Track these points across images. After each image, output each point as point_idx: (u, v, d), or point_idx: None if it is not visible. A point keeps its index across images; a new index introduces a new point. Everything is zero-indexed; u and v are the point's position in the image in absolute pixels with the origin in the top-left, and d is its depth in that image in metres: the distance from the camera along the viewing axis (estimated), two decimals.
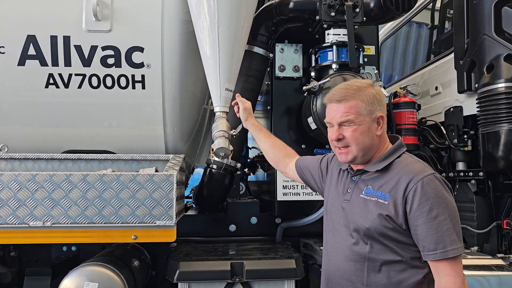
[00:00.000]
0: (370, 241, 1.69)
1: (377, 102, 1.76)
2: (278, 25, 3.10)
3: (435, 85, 3.65)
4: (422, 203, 1.59)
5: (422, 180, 1.62)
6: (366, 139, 1.74)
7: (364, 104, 1.73)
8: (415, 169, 1.67)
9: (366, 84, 1.80)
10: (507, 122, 2.69)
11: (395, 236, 1.66)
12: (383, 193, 1.69)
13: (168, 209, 2.26)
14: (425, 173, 1.64)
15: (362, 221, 1.71)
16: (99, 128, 2.77)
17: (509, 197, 2.95)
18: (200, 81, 2.86)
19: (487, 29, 2.82)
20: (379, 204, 1.68)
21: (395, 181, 1.67)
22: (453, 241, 1.56)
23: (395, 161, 1.74)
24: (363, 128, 1.73)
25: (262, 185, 3.83)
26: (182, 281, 2.46)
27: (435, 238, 1.57)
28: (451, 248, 1.56)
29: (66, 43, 2.62)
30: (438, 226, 1.57)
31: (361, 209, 1.74)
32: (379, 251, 1.68)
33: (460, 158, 3.26)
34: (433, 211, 1.58)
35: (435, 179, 1.64)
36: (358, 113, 1.73)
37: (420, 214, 1.59)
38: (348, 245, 1.76)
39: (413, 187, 1.62)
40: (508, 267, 2.57)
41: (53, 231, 2.23)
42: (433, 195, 1.60)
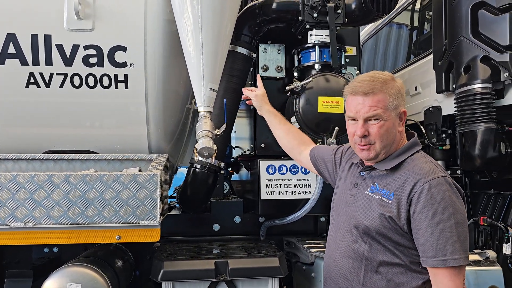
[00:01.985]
0: (369, 240, 1.64)
1: (401, 96, 1.67)
2: (261, 25, 3.12)
3: (415, 85, 3.74)
4: (427, 206, 1.51)
5: (430, 182, 1.53)
6: (390, 136, 1.65)
7: (391, 98, 1.63)
8: (424, 169, 1.58)
9: (390, 76, 1.69)
10: (483, 122, 2.77)
11: (395, 238, 1.60)
12: (388, 192, 1.61)
13: (152, 209, 2.26)
14: (435, 175, 1.55)
15: (363, 219, 1.66)
16: (81, 128, 2.74)
17: (486, 194, 3.05)
18: (183, 81, 2.86)
19: (464, 31, 2.90)
20: (382, 203, 1.62)
21: (402, 181, 1.59)
22: (455, 251, 1.48)
23: (406, 160, 1.65)
24: (389, 124, 1.64)
25: (246, 184, 3.84)
26: (166, 280, 2.46)
27: (435, 244, 1.50)
28: (452, 257, 1.48)
29: (47, 42, 2.58)
30: (441, 232, 1.49)
31: (363, 206, 1.68)
32: (378, 252, 1.62)
33: (439, 156, 3.34)
34: (437, 216, 1.50)
35: (445, 183, 1.54)
36: (386, 108, 1.63)
37: (423, 218, 1.52)
38: (347, 242, 1.72)
39: (420, 188, 1.54)
40: (484, 262, 2.66)
41: (35, 232, 2.21)
42: (440, 199, 1.51)
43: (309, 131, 2.87)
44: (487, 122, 2.76)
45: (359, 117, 1.66)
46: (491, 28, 2.75)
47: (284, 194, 3.11)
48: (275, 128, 2.38)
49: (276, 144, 3.21)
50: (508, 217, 2.80)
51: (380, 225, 1.61)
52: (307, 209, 3.01)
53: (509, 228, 2.71)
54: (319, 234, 3.40)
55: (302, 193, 3.10)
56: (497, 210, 2.91)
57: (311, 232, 3.43)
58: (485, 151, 2.77)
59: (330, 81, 2.85)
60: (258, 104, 2.42)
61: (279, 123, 2.37)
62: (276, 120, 2.38)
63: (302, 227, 3.37)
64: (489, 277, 2.57)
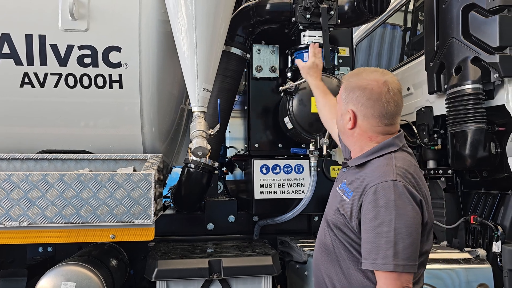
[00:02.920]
0: (332, 234, 1.68)
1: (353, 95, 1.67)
2: (255, 26, 3.14)
3: (407, 86, 3.77)
4: (369, 209, 1.52)
5: (377, 186, 1.52)
6: (339, 123, 1.79)
7: (343, 90, 1.75)
8: (377, 172, 1.58)
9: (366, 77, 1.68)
10: (474, 122, 2.80)
11: (349, 235, 1.62)
12: (349, 190, 1.64)
13: (146, 208, 2.28)
14: (384, 179, 1.53)
15: (328, 213, 1.75)
16: (76, 127, 2.75)
17: (476, 194, 3.09)
18: (178, 81, 2.88)
19: (455, 32, 2.94)
20: (342, 200, 1.66)
21: (360, 181, 1.61)
22: (387, 256, 1.46)
23: (373, 160, 1.65)
24: (339, 111, 1.78)
25: (240, 184, 3.87)
26: (161, 279, 2.48)
27: (369, 247, 1.50)
28: (382, 262, 1.46)
29: (41, 42, 2.59)
30: (377, 236, 1.48)
31: (331, 201, 1.76)
32: (339, 246, 1.66)
33: (431, 156, 3.38)
34: (376, 219, 1.49)
35: (393, 187, 1.50)
36: (340, 96, 1.78)
37: (365, 220, 1.53)
38: (321, 236, 1.79)
39: (368, 190, 1.54)
40: (474, 260, 2.70)
41: (29, 231, 2.22)
42: (382, 203, 1.49)
43: (302, 131, 2.90)
44: (477, 122, 2.80)
45: None
46: (482, 29, 2.79)
47: (277, 193, 3.14)
48: (316, 100, 2.46)
49: (270, 144, 3.26)
50: (498, 216, 2.84)
51: (336, 220, 1.66)
52: (301, 209, 3.04)
53: (499, 227, 2.75)
54: (312, 233, 3.43)
55: (296, 192, 3.13)
56: (487, 209, 2.94)
57: (304, 231, 3.46)
58: (476, 151, 2.81)
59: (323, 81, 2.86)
60: (304, 75, 2.55)
61: (319, 95, 2.42)
62: (318, 91, 2.44)
63: (296, 226, 3.40)
64: (479, 275, 2.62)
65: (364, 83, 1.66)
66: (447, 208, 3.18)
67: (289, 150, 3.09)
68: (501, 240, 2.68)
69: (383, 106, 1.63)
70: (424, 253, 1.61)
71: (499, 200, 2.87)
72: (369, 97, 1.64)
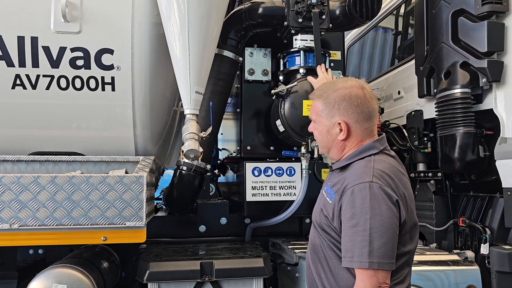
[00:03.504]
0: (319, 234, 1.75)
1: (339, 107, 1.72)
2: (247, 29, 3.16)
3: (398, 90, 3.82)
4: (347, 209, 1.58)
5: (354, 187, 1.58)
6: (324, 140, 1.79)
7: (324, 106, 1.75)
8: (356, 174, 1.64)
9: (342, 86, 1.75)
10: (463, 126, 2.85)
11: (333, 235, 1.67)
12: (332, 191, 1.70)
13: (138, 210, 2.29)
14: (361, 180, 1.59)
15: (314, 214, 1.81)
16: (68, 130, 2.75)
17: (465, 196, 3.13)
18: (170, 84, 2.89)
19: (444, 37, 2.98)
20: (326, 201, 1.72)
21: (341, 183, 1.67)
22: (362, 254, 1.52)
23: (353, 163, 1.71)
24: (321, 129, 1.79)
25: (232, 186, 3.88)
26: (152, 281, 2.48)
27: (346, 246, 1.57)
28: (357, 260, 1.53)
29: (33, 44, 2.59)
30: (353, 235, 1.54)
31: (318, 203, 1.82)
32: (325, 245, 1.72)
33: (421, 159, 3.42)
34: (353, 219, 1.55)
35: (369, 188, 1.56)
36: (318, 114, 1.78)
37: (343, 220, 1.60)
38: (311, 236, 1.85)
39: (346, 191, 1.61)
40: (463, 262, 2.73)
41: (20, 234, 2.21)
42: (358, 204, 1.55)
43: (294, 134, 2.92)
44: (466, 126, 2.84)
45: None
46: (470, 35, 2.84)
47: (269, 196, 3.16)
48: None
49: (262, 147, 3.28)
50: (486, 219, 2.88)
51: (320, 221, 1.73)
52: (292, 211, 3.06)
53: (487, 229, 2.79)
54: (303, 235, 3.45)
55: (287, 195, 3.16)
56: (475, 211, 2.99)
57: (296, 233, 3.48)
58: (464, 154, 2.85)
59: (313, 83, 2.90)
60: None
61: None
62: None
63: (287, 228, 3.42)
64: (468, 277, 2.65)
65: (346, 92, 1.73)
66: (437, 211, 3.22)
67: (281, 152, 3.11)
68: (489, 242, 2.72)
69: (368, 107, 1.73)
70: (407, 253, 1.65)
71: (487, 202, 2.92)
72: (356, 104, 1.71)
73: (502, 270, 2.56)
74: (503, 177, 2.69)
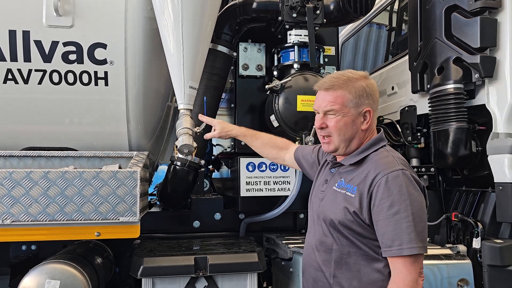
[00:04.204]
0: (336, 233, 1.71)
1: (366, 96, 1.72)
2: (241, 24, 3.15)
3: (392, 85, 3.83)
4: (384, 198, 1.57)
5: (387, 175, 1.59)
6: (349, 131, 1.73)
7: (351, 96, 1.71)
8: (383, 163, 1.64)
9: (359, 75, 1.76)
10: (456, 121, 2.86)
11: (358, 230, 1.66)
12: (352, 186, 1.68)
13: (132, 206, 2.28)
14: (393, 169, 1.61)
15: (330, 213, 1.73)
16: (61, 125, 2.72)
17: (458, 191, 3.15)
18: (164, 79, 2.87)
19: (438, 33, 2.99)
20: (346, 197, 1.69)
21: (364, 175, 1.66)
22: (411, 240, 1.53)
23: (370, 155, 1.72)
24: (347, 119, 1.72)
25: (226, 181, 3.88)
26: (146, 276, 2.48)
27: (392, 234, 1.55)
28: (407, 246, 1.53)
29: (25, 38, 2.56)
30: (397, 223, 1.54)
31: (331, 201, 1.76)
32: (344, 244, 1.69)
33: (414, 154, 3.44)
34: (393, 207, 1.55)
35: (402, 175, 1.59)
36: (343, 104, 1.71)
37: (381, 210, 1.58)
38: (318, 236, 1.79)
39: (378, 181, 1.60)
40: (455, 256, 2.76)
41: (13, 229, 2.20)
42: (396, 191, 1.56)
43: (288, 129, 2.92)
44: (459, 121, 2.86)
45: (319, 110, 1.78)
46: (463, 30, 2.85)
47: (263, 191, 3.16)
48: (251, 145, 2.47)
49: None
50: (478, 213, 2.90)
51: (344, 218, 1.68)
52: (286, 206, 3.06)
53: (479, 224, 2.81)
54: (298, 230, 3.46)
55: (281, 190, 3.16)
56: (468, 206, 3.01)
57: (290, 229, 3.49)
58: (457, 149, 2.87)
59: (309, 80, 2.91)
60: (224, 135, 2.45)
61: (251, 140, 2.43)
62: (248, 138, 2.44)
63: (281, 223, 3.43)
64: (460, 271, 2.68)
65: (366, 81, 1.75)
66: (430, 205, 3.23)
67: None
68: (481, 237, 2.74)
69: (378, 97, 1.79)
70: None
71: (479, 197, 2.94)
72: (375, 92, 1.76)
73: (493, 263, 2.59)
74: (495, 172, 2.71)
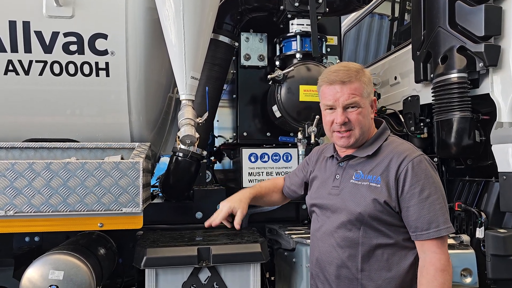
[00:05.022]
0: (363, 226, 1.70)
1: (371, 85, 1.78)
2: (243, 14, 3.13)
3: (394, 75, 3.80)
4: (414, 184, 1.61)
5: (412, 161, 1.63)
6: (366, 122, 1.75)
7: (365, 86, 1.72)
8: (404, 150, 1.68)
9: (360, 66, 1.79)
10: (459, 110, 2.84)
11: (387, 219, 1.67)
12: (374, 176, 1.68)
13: (135, 196, 2.27)
14: (415, 154, 1.66)
15: (354, 206, 1.71)
16: (62, 116, 2.71)
17: (461, 181, 3.14)
18: (165, 69, 2.85)
19: (441, 21, 2.96)
20: (371, 188, 1.68)
21: (386, 163, 1.67)
22: (446, 220, 1.61)
23: (383, 144, 1.74)
24: (365, 111, 1.73)
25: (228, 173, 3.88)
26: (149, 267, 2.48)
27: (428, 217, 1.59)
28: (444, 227, 1.59)
29: (25, 28, 2.54)
30: (431, 206, 1.59)
31: (352, 195, 1.73)
32: (372, 236, 1.69)
33: (417, 145, 3.41)
34: (424, 191, 1.60)
35: (424, 160, 1.66)
36: (362, 95, 1.72)
37: (412, 195, 1.61)
38: (340, 232, 1.75)
39: (405, 168, 1.62)
40: (458, 246, 2.76)
41: (16, 220, 2.19)
42: (423, 176, 1.61)
43: (290, 120, 2.91)
44: (462, 110, 2.84)
45: (338, 105, 1.72)
46: (468, 19, 2.82)
47: None
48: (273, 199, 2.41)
49: (258, 133, 3.27)
50: (482, 203, 2.89)
51: (373, 209, 1.67)
52: None
53: (482, 213, 2.80)
54: (300, 221, 3.46)
55: None
56: (471, 196, 3.00)
57: (292, 219, 3.48)
58: (461, 139, 2.86)
59: (311, 70, 2.89)
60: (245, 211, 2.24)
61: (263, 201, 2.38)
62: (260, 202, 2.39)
63: (284, 214, 3.42)
64: (463, 260, 2.68)
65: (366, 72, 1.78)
66: None
67: (278, 138, 3.10)
68: (485, 226, 2.74)
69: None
70: None
71: (483, 187, 2.93)
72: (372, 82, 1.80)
73: (497, 253, 2.58)
74: (498, 161, 2.70)
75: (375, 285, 1.69)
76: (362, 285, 1.71)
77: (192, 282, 2.52)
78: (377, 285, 1.69)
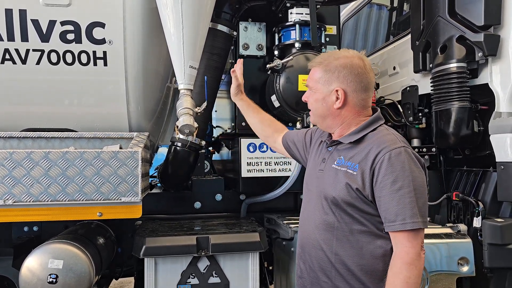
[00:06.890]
0: (338, 211, 1.72)
1: (339, 74, 1.74)
2: (241, 3, 3.10)
3: (393, 65, 3.79)
4: (387, 174, 1.61)
5: (390, 152, 1.63)
6: (319, 108, 1.81)
7: (323, 73, 1.78)
8: (385, 141, 1.68)
9: (344, 55, 1.78)
10: (458, 100, 2.84)
11: (361, 207, 1.68)
12: (353, 164, 1.71)
13: (134, 186, 2.27)
14: (395, 146, 1.65)
15: (331, 190, 1.75)
16: (60, 105, 2.70)
17: (459, 171, 3.15)
18: (163, 59, 2.84)
19: (441, 11, 2.94)
20: (347, 174, 1.71)
21: (365, 152, 1.69)
22: (414, 215, 1.57)
23: (369, 134, 1.75)
24: (317, 96, 1.81)
25: (227, 163, 3.88)
26: (149, 256, 2.49)
27: (395, 209, 1.59)
28: (410, 221, 1.57)
29: (22, 17, 2.52)
30: (401, 198, 1.58)
31: (331, 179, 1.77)
32: (346, 221, 1.71)
33: (415, 135, 3.42)
34: (397, 183, 1.59)
35: (404, 153, 1.64)
36: (315, 81, 1.80)
37: (384, 186, 1.61)
38: (318, 215, 1.80)
39: (381, 158, 1.63)
40: (455, 235, 2.78)
41: (14, 210, 2.20)
42: (399, 168, 1.60)
43: (289, 109, 2.90)
44: (461, 100, 2.83)
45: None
46: (467, 8, 2.80)
47: (264, 171, 3.16)
48: (249, 117, 2.43)
49: None
50: (479, 192, 2.91)
51: (346, 194, 1.70)
52: (287, 187, 3.06)
53: (480, 203, 2.82)
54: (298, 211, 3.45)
55: (282, 170, 3.16)
56: (469, 186, 3.01)
57: (291, 209, 3.50)
58: (459, 129, 2.86)
59: (310, 59, 2.85)
60: (235, 92, 2.43)
61: (253, 112, 2.41)
62: (250, 109, 2.42)
63: (282, 204, 3.44)
64: (460, 249, 2.69)
65: (347, 61, 1.76)
66: (431, 185, 3.23)
67: None
68: (482, 216, 2.75)
69: (366, 78, 1.77)
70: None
71: (480, 177, 2.94)
72: (356, 73, 1.75)
73: (494, 242, 2.61)
74: (496, 151, 2.71)
75: (347, 270, 1.72)
76: (336, 269, 1.74)
77: (191, 271, 2.53)
78: (350, 271, 1.72)
